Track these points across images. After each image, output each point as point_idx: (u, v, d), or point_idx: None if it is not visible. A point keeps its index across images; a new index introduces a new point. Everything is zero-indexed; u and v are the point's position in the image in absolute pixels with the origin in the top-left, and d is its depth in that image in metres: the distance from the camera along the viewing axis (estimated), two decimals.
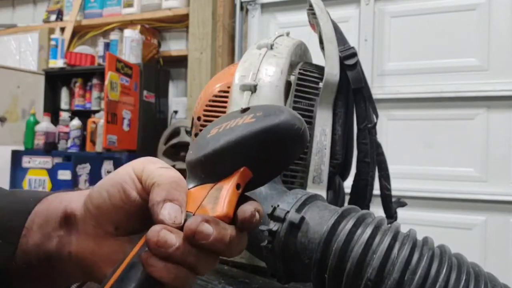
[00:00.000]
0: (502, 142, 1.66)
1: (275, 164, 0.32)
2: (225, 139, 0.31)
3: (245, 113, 0.32)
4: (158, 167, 0.32)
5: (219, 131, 0.32)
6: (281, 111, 0.31)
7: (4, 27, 2.73)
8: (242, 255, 0.77)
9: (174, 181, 0.31)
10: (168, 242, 0.28)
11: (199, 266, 0.30)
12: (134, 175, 0.32)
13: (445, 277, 0.46)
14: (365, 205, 0.76)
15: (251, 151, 0.31)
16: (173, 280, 0.28)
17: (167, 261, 0.28)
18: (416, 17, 1.80)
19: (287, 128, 0.30)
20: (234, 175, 0.31)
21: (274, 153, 0.31)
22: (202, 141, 0.33)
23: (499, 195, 1.64)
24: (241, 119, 0.32)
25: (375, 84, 1.82)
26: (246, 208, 0.31)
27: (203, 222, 0.29)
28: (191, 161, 0.32)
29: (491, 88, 1.66)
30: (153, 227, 0.28)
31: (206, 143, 0.32)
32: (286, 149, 0.31)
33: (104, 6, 2.44)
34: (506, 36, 1.67)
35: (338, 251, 0.49)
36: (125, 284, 0.28)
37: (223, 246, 0.30)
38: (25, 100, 2.26)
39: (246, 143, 0.30)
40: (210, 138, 0.32)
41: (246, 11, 2.10)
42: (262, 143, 0.30)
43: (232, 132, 0.31)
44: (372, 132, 0.75)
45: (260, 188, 0.60)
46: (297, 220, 0.53)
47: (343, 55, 0.72)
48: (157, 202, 0.29)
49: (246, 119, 0.31)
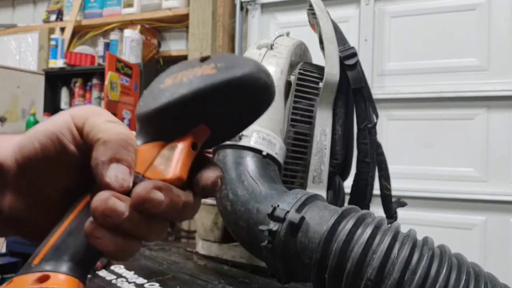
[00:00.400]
0: (502, 142, 1.66)
1: (237, 121, 0.29)
2: (180, 92, 0.27)
3: (204, 63, 0.28)
4: (104, 120, 0.28)
5: (175, 82, 0.28)
6: (245, 63, 0.28)
7: (4, 27, 2.73)
8: (242, 255, 0.77)
9: (122, 138, 0.27)
10: (117, 211, 0.25)
11: (148, 234, 0.27)
12: (73, 126, 0.28)
13: (445, 277, 0.46)
14: (365, 205, 0.76)
15: (210, 107, 0.27)
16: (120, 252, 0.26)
17: (114, 231, 0.25)
18: (416, 17, 1.80)
19: (252, 82, 0.27)
20: (190, 133, 0.28)
21: (236, 110, 0.28)
22: (155, 92, 0.29)
23: (499, 195, 1.64)
24: (200, 69, 0.28)
25: (375, 84, 1.82)
26: (209, 175, 0.28)
27: (154, 189, 0.25)
28: (141, 114, 0.29)
29: (491, 88, 1.66)
30: (100, 194, 0.25)
31: (159, 94, 0.28)
32: (250, 106, 0.28)
33: (104, 6, 2.44)
34: (506, 36, 1.67)
35: (338, 251, 0.49)
36: (61, 253, 0.25)
37: (176, 213, 0.27)
38: (25, 100, 2.26)
39: (205, 98, 0.27)
40: (164, 89, 0.28)
41: (246, 11, 2.10)
42: (222, 99, 0.27)
43: (189, 84, 0.27)
44: (372, 132, 0.75)
45: (260, 188, 0.60)
46: (297, 220, 0.53)
47: (343, 55, 0.72)
48: (102, 162, 0.26)
49: (206, 70, 0.28)
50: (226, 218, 0.62)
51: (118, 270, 0.71)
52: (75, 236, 0.25)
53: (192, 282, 0.67)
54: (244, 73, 0.27)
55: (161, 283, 0.65)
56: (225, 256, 0.80)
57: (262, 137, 0.66)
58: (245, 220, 0.59)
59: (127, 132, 0.27)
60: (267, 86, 0.28)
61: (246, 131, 0.66)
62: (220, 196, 0.63)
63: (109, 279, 0.67)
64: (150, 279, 0.67)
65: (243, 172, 0.62)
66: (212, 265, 0.79)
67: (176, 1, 2.21)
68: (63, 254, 0.25)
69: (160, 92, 0.28)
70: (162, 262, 0.77)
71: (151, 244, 0.93)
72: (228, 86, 0.27)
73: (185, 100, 0.27)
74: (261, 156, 0.65)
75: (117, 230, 0.25)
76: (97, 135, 0.27)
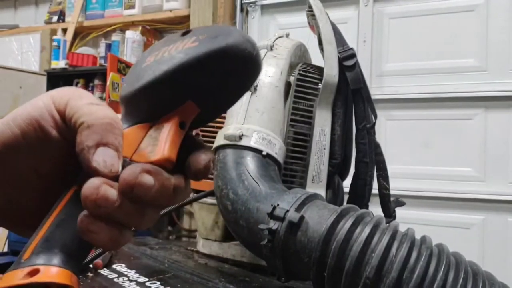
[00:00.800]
0: (500, 142, 1.66)
1: (224, 95, 0.28)
2: (162, 68, 0.26)
3: (186, 36, 0.27)
4: (87, 102, 0.26)
5: (156, 59, 0.27)
6: (229, 32, 0.26)
7: (6, 28, 2.74)
8: (243, 253, 0.78)
9: (107, 122, 0.25)
10: (109, 200, 0.23)
11: (141, 222, 0.26)
12: (54, 109, 0.26)
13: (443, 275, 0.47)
14: (363, 205, 0.77)
15: (195, 81, 0.26)
16: (114, 243, 0.25)
17: (108, 223, 0.24)
18: (415, 18, 1.80)
19: (236, 51, 0.25)
20: (177, 111, 0.26)
21: (222, 83, 0.26)
22: (137, 72, 0.27)
23: (497, 195, 1.64)
24: (182, 43, 0.26)
25: (373, 84, 1.82)
26: (201, 158, 0.27)
27: (142, 173, 0.24)
28: (124, 96, 0.27)
29: (489, 89, 1.66)
30: (90, 182, 0.23)
31: (141, 74, 0.27)
32: (236, 78, 0.27)
33: (106, 8, 2.45)
34: (504, 37, 1.67)
35: (337, 250, 0.50)
36: (52, 245, 0.24)
37: (166, 198, 0.25)
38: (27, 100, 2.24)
39: (189, 72, 0.25)
40: (146, 68, 0.27)
41: (246, 12, 2.11)
42: (206, 71, 0.25)
43: (171, 59, 0.26)
44: (370, 132, 0.76)
45: (260, 187, 0.61)
46: (296, 219, 0.53)
47: (342, 56, 0.72)
48: (87, 147, 0.24)
49: (188, 43, 0.26)
50: (227, 217, 0.63)
51: (120, 269, 0.72)
52: (64, 227, 0.24)
53: (192, 281, 0.67)
54: (228, 42, 0.25)
55: (162, 282, 0.66)
56: (226, 254, 0.80)
57: (262, 137, 0.67)
58: (245, 219, 0.59)
59: (112, 115, 0.26)
60: (252, 56, 0.26)
61: (246, 131, 0.66)
62: (221, 195, 0.63)
63: (110, 278, 0.68)
64: (151, 278, 0.68)
65: (243, 171, 0.63)
66: (212, 263, 0.80)
67: (177, 3, 2.22)
68: (53, 246, 0.24)
69: (142, 71, 0.27)
70: (163, 261, 0.78)
71: (152, 243, 0.94)
72: (211, 57, 0.25)
73: (167, 76, 0.25)
74: (261, 156, 0.65)
75: (110, 222, 0.24)
76: (81, 119, 0.25)
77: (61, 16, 2.59)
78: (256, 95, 0.70)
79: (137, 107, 0.27)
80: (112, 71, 1.92)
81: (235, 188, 0.61)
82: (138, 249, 0.85)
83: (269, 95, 0.70)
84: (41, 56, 2.55)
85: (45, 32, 2.56)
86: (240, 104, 0.70)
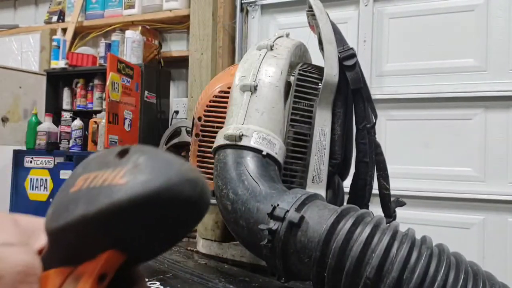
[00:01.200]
0: (500, 142, 1.67)
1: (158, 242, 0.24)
2: (82, 209, 0.22)
3: (121, 160, 0.23)
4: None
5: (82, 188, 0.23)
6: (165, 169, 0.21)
7: (6, 28, 2.73)
8: (242, 253, 0.78)
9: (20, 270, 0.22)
10: None
11: None
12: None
13: (444, 275, 0.47)
14: (364, 205, 0.77)
15: (118, 230, 0.22)
16: None
17: None
18: (415, 18, 1.80)
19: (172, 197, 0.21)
20: (97, 260, 0.22)
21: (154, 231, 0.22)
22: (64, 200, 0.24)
23: (497, 195, 1.64)
24: (111, 174, 0.22)
25: (373, 84, 1.82)
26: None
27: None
28: (46, 229, 0.24)
29: (489, 89, 1.67)
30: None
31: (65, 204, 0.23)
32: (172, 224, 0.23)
33: (106, 7, 2.44)
34: (504, 37, 1.67)
35: (337, 250, 0.50)
36: None
37: None
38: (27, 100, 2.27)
39: (109, 219, 0.21)
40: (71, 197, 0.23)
41: (246, 12, 2.11)
42: (132, 220, 0.21)
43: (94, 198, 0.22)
44: (371, 132, 0.75)
45: (260, 187, 0.61)
46: (296, 219, 0.53)
47: (342, 56, 0.72)
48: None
49: (116, 177, 0.22)
50: (227, 217, 0.63)
51: None
52: None
53: (192, 281, 0.67)
54: (162, 185, 0.21)
55: (162, 282, 0.66)
56: (226, 255, 0.80)
57: (262, 137, 0.66)
58: (245, 219, 0.59)
59: (27, 259, 0.23)
60: (192, 201, 0.22)
61: (246, 131, 0.66)
62: (221, 195, 0.63)
63: None
64: (151, 278, 0.68)
65: (243, 171, 0.63)
66: (212, 263, 0.79)
67: (176, 2, 2.22)
68: None
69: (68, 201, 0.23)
70: (163, 261, 0.78)
71: None
72: (138, 205, 0.21)
73: (85, 220, 0.22)
74: (261, 156, 0.65)
75: None
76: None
77: (61, 16, 2.59)
78: (256, 95, 0.70)
79: (59, 244, 0.24)
80: (111, 71, 1.92)
81: (235, 188, 0.61)
82: None
83: (269, 95, 0.70)
84: (41, 56, 2.55)
85: (45, 32, 2.56)
86: (240, 104, 0.70)
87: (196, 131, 0.81)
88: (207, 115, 0.80)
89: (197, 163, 0.80)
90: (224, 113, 0.75)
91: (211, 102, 0.80)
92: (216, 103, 0.80)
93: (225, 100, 0.76)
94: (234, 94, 0.72)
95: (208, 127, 0.80)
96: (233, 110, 0.71)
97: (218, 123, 0.78)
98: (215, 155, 0.69)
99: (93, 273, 0.22)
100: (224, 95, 0.78)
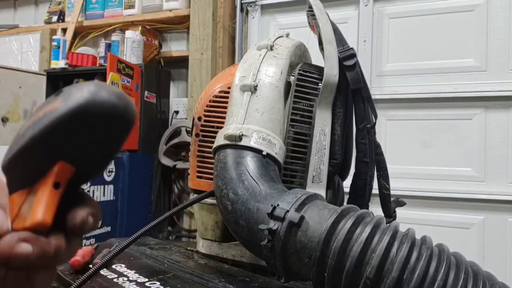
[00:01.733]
0: (500, 142, 1.67)
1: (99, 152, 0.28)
2: (29, 135, 0.26)
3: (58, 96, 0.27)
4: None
5: (28, 124, 0.27)
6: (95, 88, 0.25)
7: (6, 28, 2.73)
8: (242, 253, 0.78)
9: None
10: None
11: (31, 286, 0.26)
12: None
13: (444, 276, 0.47)
14: (364, 205, 0.77)
15: (62, 142, 0.26)
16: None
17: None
18: (415, 18, 1.80)
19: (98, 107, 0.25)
20: (50, 173, 0.26)
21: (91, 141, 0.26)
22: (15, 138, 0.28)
23: (497, 195, 1.64)
24: (50, 105, 0.26)
25: (374, 84, 1.82)
26: (77, 213, 0.27)
27: (19, 242, 0.24)
28: (3, 164, 0.28)
29: (489, 89, 1.67)
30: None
31: (16, 141, 0.27)
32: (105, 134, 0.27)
33: (106, 7, 2.44)
34: (504, 37, 1.67)
35: (338, 250, 0.50)
36: None
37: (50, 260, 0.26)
38: (27, 100, 2.26)
39: (52, 135, 0.26)
40: (19, 135, 0.27)
41: (246, 12, 2.11)
42: (69, 132, 0.26)
43: (38, 123, 0.26)
44: (371, 132, 0.75)
45: (260, 187, 0.61)
46: (296, 219, 0.53)
47: (342, 56, 0.72)
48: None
49: (54, 105, 0.26)
50: (227, 217, 0.63)
51: (120, 269, 0.72)
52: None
53: (192, 281, 0.67)
54: (86, 99, 0.25)
55: (162, 282, 0.66)
56: (226, 255, 0.80)
57: (262, 137, 0.66)
58: (245, 219, 0.59)
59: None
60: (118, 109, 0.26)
61: (246, 131, 0.66)
62: (221, 195, 0.63)
63: (110, 278, 0.67)
64: (151, 278, 0.68)
65: (243, 171, 0.63)
66: (212, 264, 0.79)
67: (176, 3, 2.22)
68: None
69: (18, 137, 0.27)
70: (163, 261, 0.78)
71: (152, 243, 0.93)
72: (70, 117, 0.25)
73: (33, 142, 0.26)
74: (261, 156, 0.65)
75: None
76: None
77: (61, 16, 2.59)
78: (256, 95, 0.70)
79: (14, 174, 0.27)
80: (111, 71, 1.92)
81: (235, 188, 0.61)
82: (138, 249, 0.85)
83: (269, 95, 0.70)
84: (41, 56, 2.55)
85: (45, 32, 2.56)
86: (240, 104, 0.70)
87: (196, 131, 0.81)
88: (207, 115, 0.80)
89: (197, 163, 0.80)
90: (224, 113, 0.75)
91: (211, 102, 0.80)
92: (216, 103, 0.80)
93: (225, 100, 0.76)
94: (234, 94, 0.72)
95: (208, 127, 0.80)
96: (233, 110, 0.71)
97: (218, 123, 0.78)
98: (215, 155, 0.69)
99: (48, 182, 0.26)
100: (224, 95, 0.78)
